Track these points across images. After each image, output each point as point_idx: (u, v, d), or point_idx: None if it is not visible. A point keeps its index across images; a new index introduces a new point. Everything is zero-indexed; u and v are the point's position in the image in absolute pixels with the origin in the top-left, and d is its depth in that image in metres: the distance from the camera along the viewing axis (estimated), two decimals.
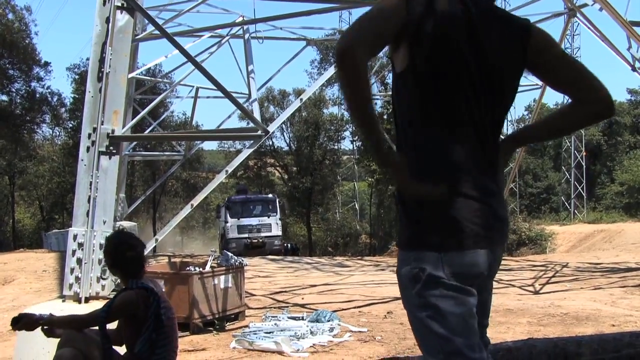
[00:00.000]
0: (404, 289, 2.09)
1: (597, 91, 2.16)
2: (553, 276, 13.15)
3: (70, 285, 6.83)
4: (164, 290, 5.50)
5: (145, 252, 4.01)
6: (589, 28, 14.66)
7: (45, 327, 3.60)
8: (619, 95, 72.57)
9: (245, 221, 27.70)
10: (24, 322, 3.57)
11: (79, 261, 6.86)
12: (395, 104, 2.22)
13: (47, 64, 32.65)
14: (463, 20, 2.06)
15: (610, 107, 2.19)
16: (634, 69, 13.91)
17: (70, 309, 6.44)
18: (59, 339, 3.63)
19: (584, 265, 15.37)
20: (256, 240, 26.81)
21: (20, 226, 45.73)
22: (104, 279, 6.90)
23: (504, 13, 2.25)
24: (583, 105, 2.19)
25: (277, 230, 28.25)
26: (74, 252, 6.88)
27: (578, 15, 14.79)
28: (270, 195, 32.04)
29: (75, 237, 6.92)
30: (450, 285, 2.00)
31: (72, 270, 6.86)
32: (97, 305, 6.38)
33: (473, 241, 2.03)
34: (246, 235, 27.11)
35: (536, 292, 10.54)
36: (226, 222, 28.00)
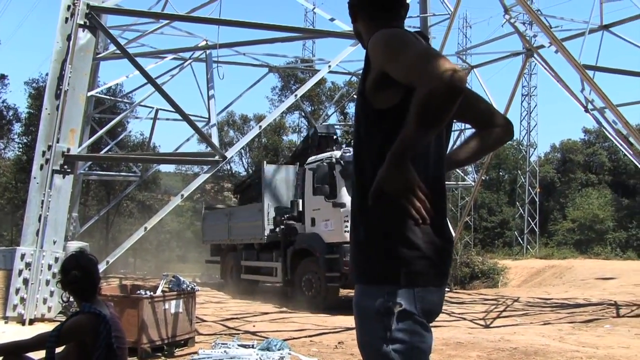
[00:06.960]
0: (368, 322, 2.06)
1: (507, 119, 2.45)
2: (504, 310, 13.33)
3: (15, 307, 6.65)
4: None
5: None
6: (545, 69, 15.13)
7: None
8: (573, 134, 74.55)
9: None
10: None
11: (26, 282, 6.69)
12: (364, 137, 2.18)
13: (3, 76, 31.99)
14: None
15: (512, 131, 2.45)
16: (586, 110, 14.35)
17: (13, 331, 6.26)
18: None
19: (534, 300, 15.62)
20: None
21: None
22: (51, 300, 6.74)
23: None
24: (494, 131, 2.40)
25: None
26: (20, 272, 6.70)
27: (535, 55, 15.29)
28: None
29: (22, 256, 6.75)
30: (419, 322, 2.04)
31: (17, 290, 6.67)
32: (41, 327, 6.22)
33: (440, 280, 2.13)
34: None
35: (487, 326, 10.65)
36: (338, 204, 12.60)
